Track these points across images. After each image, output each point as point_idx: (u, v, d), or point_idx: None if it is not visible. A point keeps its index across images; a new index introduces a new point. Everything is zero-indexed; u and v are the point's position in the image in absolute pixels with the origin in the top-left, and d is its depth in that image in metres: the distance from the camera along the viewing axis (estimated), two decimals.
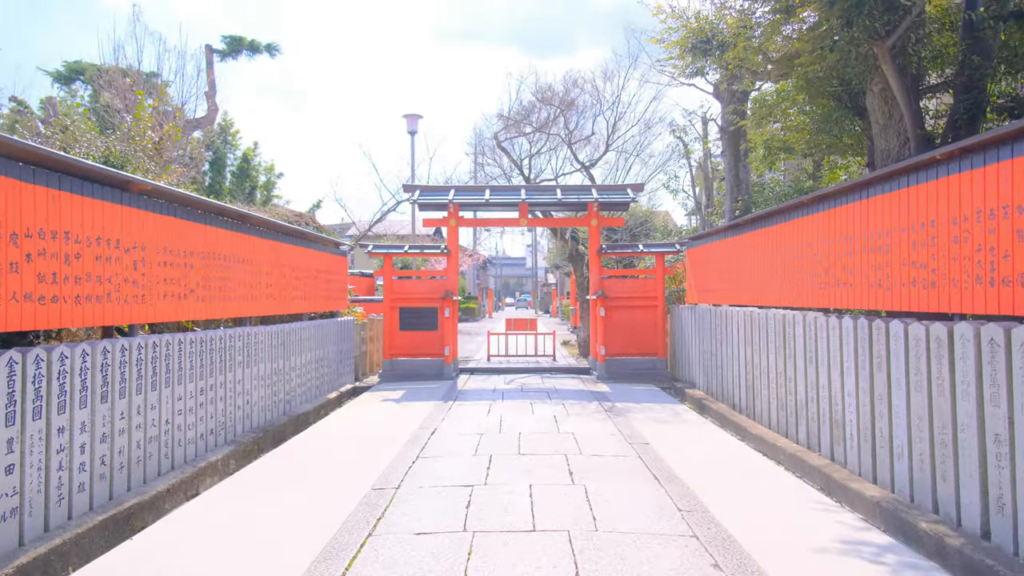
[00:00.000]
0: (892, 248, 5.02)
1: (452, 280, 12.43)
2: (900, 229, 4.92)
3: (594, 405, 8.88)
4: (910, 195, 4.82)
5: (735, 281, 8.71)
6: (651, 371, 12.22)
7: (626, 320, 12.38)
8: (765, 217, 7.63)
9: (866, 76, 5.57)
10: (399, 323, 12.43)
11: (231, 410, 6.63)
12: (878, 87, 5.57)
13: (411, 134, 17.43)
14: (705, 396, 9.35)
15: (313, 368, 9.31)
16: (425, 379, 11.84)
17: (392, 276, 12.46)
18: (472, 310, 41.46)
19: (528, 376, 12.10)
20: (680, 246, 12.39)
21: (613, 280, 12.57)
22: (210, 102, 30.88)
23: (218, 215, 6.82)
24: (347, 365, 11.11)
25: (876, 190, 5.27)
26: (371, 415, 8.45)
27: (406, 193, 12.06)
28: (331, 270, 10.72)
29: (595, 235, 12.49)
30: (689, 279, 11.38)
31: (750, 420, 7.59)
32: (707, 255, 10.13)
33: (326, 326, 9.96)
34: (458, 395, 9.83)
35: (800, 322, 6.32)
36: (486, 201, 11.90)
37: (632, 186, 12.34)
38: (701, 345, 9.89)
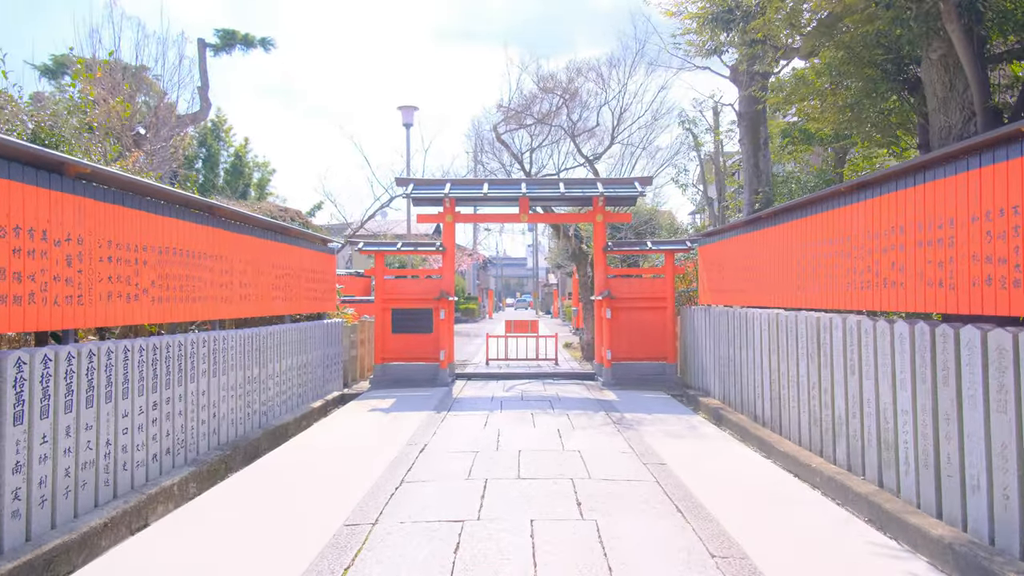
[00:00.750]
0: (958, 241, 4.26)
1: (448, 280, 11.67)
2: (970, 218, 4.15)
3: (601, 416, 8.11)
4: (984, 177, 4.05)
5: (756, 280, 7.94)
6: (660, 377, 11.45)
7: (633, 322, 11.61)
8: (793, 209, 6.86)
9: (922, 41, 4.83)
10: (391, 325, 11.67)
11: (193, 426, 5.87)
12: (937, 53, 4.82)
13: (406, 127, 16.70)
14: (722, 406, 8.59)
15: (295, 375, 8.55)
16: (418, 385, 11.08)
17: (384, 276, 11.70)
18: (472, 311, 40.70)
19: (529, 382, 11.33)
20: (691, 243, 11.62)
21: (619, 280, 11.81)
22: (203, 97, 30.19)
23: (182, 206, 6.07)
24: (335, 371, 10.36)
25: (937, 172, 4.50)
26: (356, 427, 7.69)
27: (400, 187, 11.32)
28: (317, 269, 9.97)
29: (600, 232, 11.72)
30: (702, 279, 10.61)
31: (775, 435, 6.83)
32: (723, 252, 9.36)
33: (310, 329, 9.21)
34: (453, 404, 9.07)
35: (839, 327, 5.55)
36: (484, 195, 11.14)
37: (640, 179, 11.58)
38: (716, 350, 9.12)
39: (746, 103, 8.81)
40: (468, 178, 11.55)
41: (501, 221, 11.69)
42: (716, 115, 12.85)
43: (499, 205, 12.30)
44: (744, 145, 8.93)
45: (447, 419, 7.91)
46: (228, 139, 31.65)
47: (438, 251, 11.63)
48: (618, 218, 11.96)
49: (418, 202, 11.99)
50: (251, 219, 7.45)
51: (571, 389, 10.55)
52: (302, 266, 9.26)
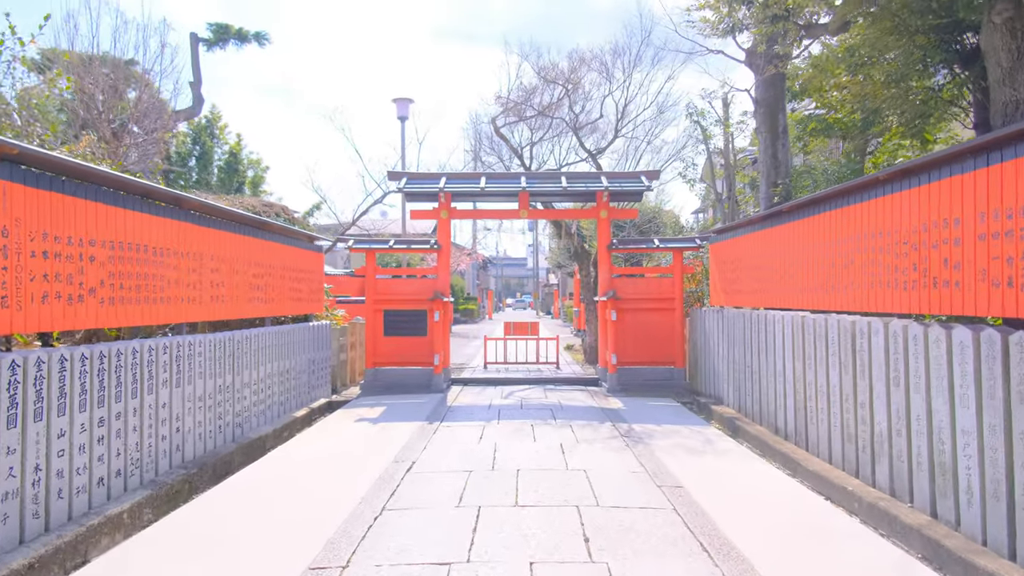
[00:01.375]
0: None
1: (443, 279, 11.02)
2: None
3: (607, 427, 7.46)
4: None
5: (777, 280, 7.29)
6: (668, 383, 10.80)
7: (640, 324, 10.96)
8: (821, 201, 6.21)
9: (983, 3, 4.20)
10: (383, 328, 11.02)
11: (152, 443, 5.22)
12: (1002, 16, 4.18)
13: (401, 120, 16.04)
14: (737, 415, 7.94)
15: (276, 382, 7.90)
16: (411, 391, 10.43)
17: (375, 275, 11.05)
18: (471, 311, 40.06)
19: (529, 388, 10.68)
20: (701, 241, 10.97)
21: (625, 280, 11.16)
22: (195, 92, 29.53)
23: (141, 196, 5.42)
24: (322, 376, 9.71)
25: (1006, 153, 3.85)
26: (339, 440, 7.04)
27: (392, 181, 10.68)
28: (303, 268, 9.32)
29: (605, 228, 11.07)
30: (713, 278, 9.96)
31: (801, 450, 6.18)
32: (737, 250, 8.71)
33: (294, 332, 8.56)
34: (447, 413, 8.42)
35: (879, 332, 4.90)
36: (481, 190, 10.49)
37: (647, 173, 10.93)
38: (731, 355, 8.47)
39: (763, 88, 8.17)
40: (464, 172, 10.92)
41: (499, 217, 11.05)
42: (726, 106, 12.22)
43: (497, 200, 11.65)
44: (761, 134, 8.30)
45: (439, 431, 7.26)
46: (222, 136, 31.03)
47: (433, 249, 10.99)
48: (624, 214, 11.32)
49: (412, 197, 11.34)
50: (224, 213, 6.81)
51: (574, 396, 9.90)
52: (285, 264, 8.61)
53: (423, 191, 10.78)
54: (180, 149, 30.25)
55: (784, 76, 7.98)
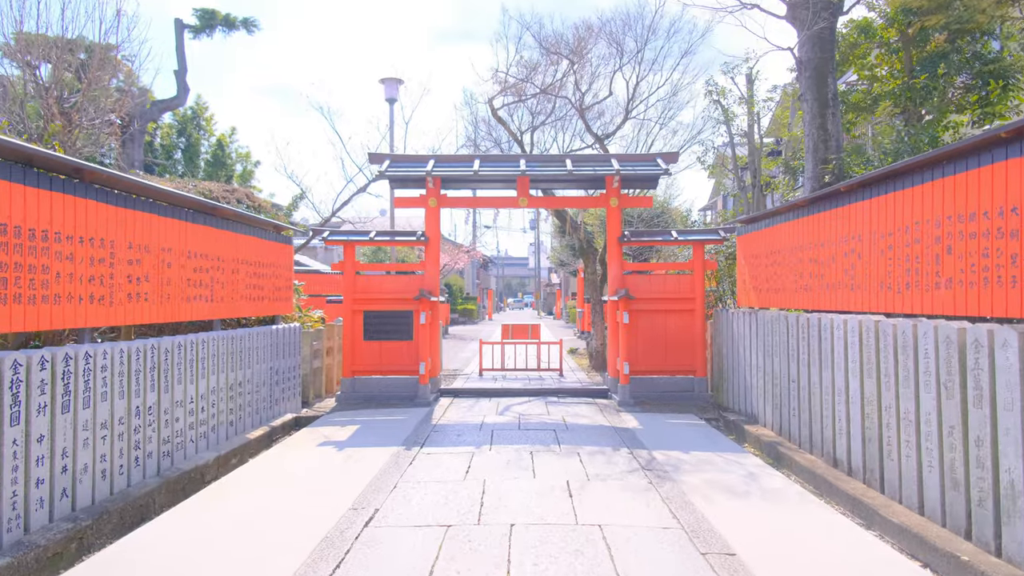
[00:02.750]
0: None
1: (431, 275, 9.67)
2: None
3: (623, 456, 6.11)
4: None
5: (833, 276, 5.94)
6: (688, 395, 9.45)
7: (655, 328, 9.61)
8: (904, 173, 4.85)
9: None
10: (363, 331, 9.68)
11: (17, 493, 3.88)
12: None
13: (389, 102, 14.73)
14: (777, 439, 6.59)
15: (223, 398, 6.56)
16: (393, 404, 9.09)
17: (354, 271, 9.70)
18: (470, 312, 38.71)
19: (528, 401, 9.32)
20: (725, 233, 9.61)
21: (638, 277, 9.81)
22: (180, 81, 28.27)
23: (22, 164, 4.10)
24: (288, 388, 8.37)
25: None
26: (293, 472, 5.69)
27: (373, 164, 9.35)
28: (266, 262, 7.99)
29: (615, 218, 9.71)
30: (742, 275, 8.61)
31: (874, 491, 4.82)
32: (774, 241, 7.37)
33: (250, 337, 7.22)
34: (430, 434, 7.07)
35: (1012, 345, 3.55)
36: (475, 173, 9.14)
37: (663, 155, 9.57)
38: (768, 365, 7.12)
39: (810, 47, 6.81)
40: (456, 154, 9.59)
41: (496, 206, 9.70)
42: (751, 83, 10.82)
43: (494, 187, 10.31)
44: (807, 102, 6.95)
45: (417, 461, 5.90)
46: (209, 128, 29.74)
47: (419, 242, 9.64)
48: (637, 202, 9.97)
49: (396, 183, 10.00)
50: (148, 190, 5.46)
51: (580, 411, 8.54)
52: (240, 257, 7.28)
53: (409, 175, 9.44)
54: (165, 141, 28.97)
55: (834, 32, 6.64)
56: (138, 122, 25.90)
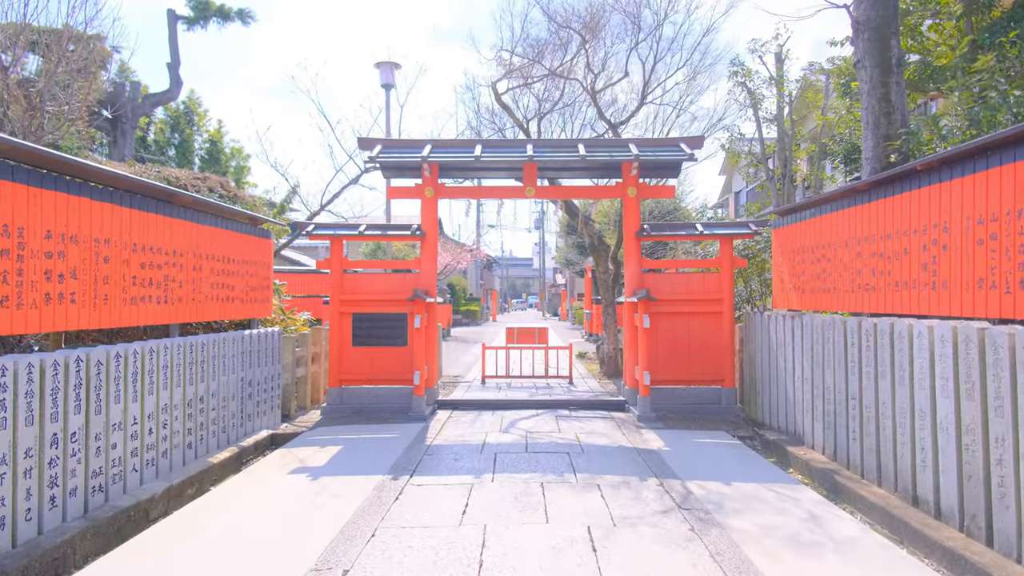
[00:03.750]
0: None
1: (428, 274, 8.68)
2: None
3: (654, 490, 5.09)
4: None
5: (908, 273, 4.91)
6: (714, 408, 8.42)
7: (678, 332, 8.59)
8: (1014, 142, 3.82)
9: None
10: (351, 335, 8.69)
11: None
12: None
13: (385, 88, 13.73)
14: (831, 464, 5.56)
15: (178, 417, 5.57)
16: (384, 418, 8.09)
17: (342, 268, 8.72)
18: (474, 313, 37.73)
19: (537, 415, 8.31)
20: (757, 227, 8.57)
21: (658, 276, 8.80)
22: (173, 75, 27.39)
23: None
24: (265, 401, 7.38)
25: None
26: (252, 511, 4.70)
27: (363, 151, 8.38)
28: (238, 258, 7.02)
29: (633, 210, 8.70)
30: (779, 273, 7.59)
31: (979, 546, 3.79)
32: (822, 234, 6.35)
33: (215, 344, 6.23)
34: (422, 458, 6.07)
35: None
36: (477, 159, 8.14)
37: (687, 139, 8.56)
38: (817, 377, 6.10)
39: (869, 4, 5.78)
40: (455, 139, 8.61)
41: (500, 196, 8.70)
42: (780, 62, 9.78)
43: (498, 175, 9.31)
44: (865, 69, 5.93)
45: (404, 497, 4.90)
46: (202, 124, 28.86)
47: (415, 236, 8.64)
48: (658, 192, 8.96)
49: (389, 171, 9.00)
50: (71, 166, 4.46)
51: (596, 428, 7.52)
52: (204, 252, 6.30)
53: (403, 162, 8.45)
54: (159, 137, 28.12)
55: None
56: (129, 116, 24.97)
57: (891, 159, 5.96)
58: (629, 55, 10.76)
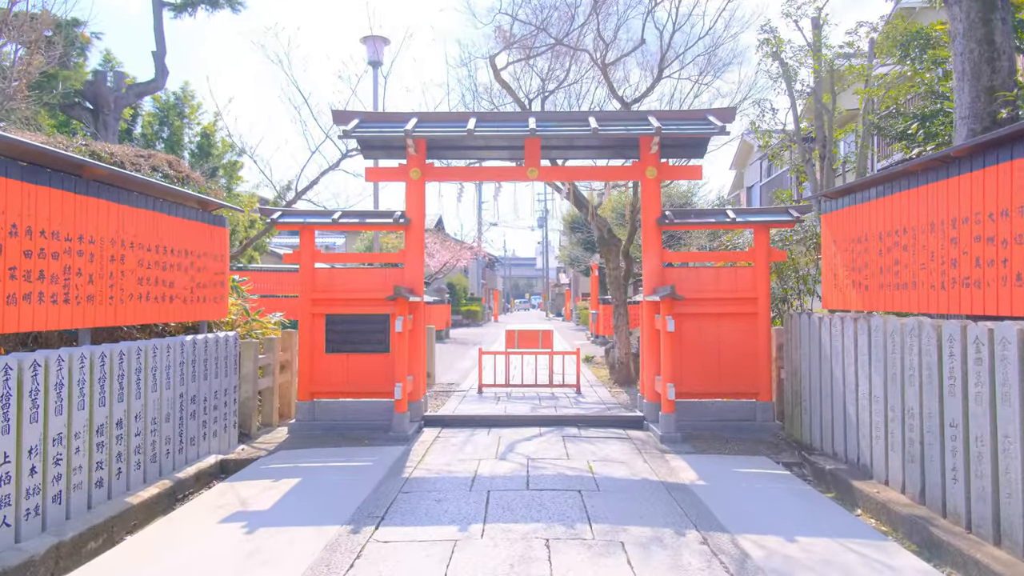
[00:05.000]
0: None
1: (413, 269, 7.46)
2: None
3: (695, 548, 3.84)
4: None
5: None
6: (749, 425, 7.18)
7: (706, 336, 7.36)
8: None
9: None
10: (325, 340, 7.47)
11: None
12: None
13: (372, 65, 12.51)
14: (919, 510, 4.30)
15: (81, 449, 4.34)
16: (361, 439, 6.86)
17: (313, 262, 7.49)
18: (475, 313, 36.50)
19: (541, 435, 7.07)
20: (797, 214, 7.31)
21: (681, 271, 7.57)
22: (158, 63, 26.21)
23: None
24: (215, 420, 6.16)
25: None
26: None
27: (339, 125, 7.17)
28: (181, 247, 5.82)
29: (653, 194, 7.46)
30: (830, 266, 6.35)
31: None
32: (893, 218, 5.10)
33: (141, 354, 5.00)
34: (396, 498, 4.83)
35: None
36: (470, 134, 6.90)
37: (716, 111, 7.32)
38: (893, 396, 4.84)
39: None
40: (445, 111, 7.39)
41: (497, 179, 7.45)
42: (818, 28, 8.53)
43: (495, 155, 8.08)
44: (959, 4, 4.68)
45: (362, 562, 3.66)
46: (194, 117, 27.66)
47: (398, 225, 7.41)
48: (681, 173, 7.71)
49: (370, 149, 7.79)
50: None
51: (611, 452, 6.27)
52: (129, 239, 5.09)
53: (384, 137, 7.22)
54: (146, 131, 26.97)
55: None
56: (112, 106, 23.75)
57: (1000, 116, 4.70)
58: (645, 22, 9.52)
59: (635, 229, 11.61)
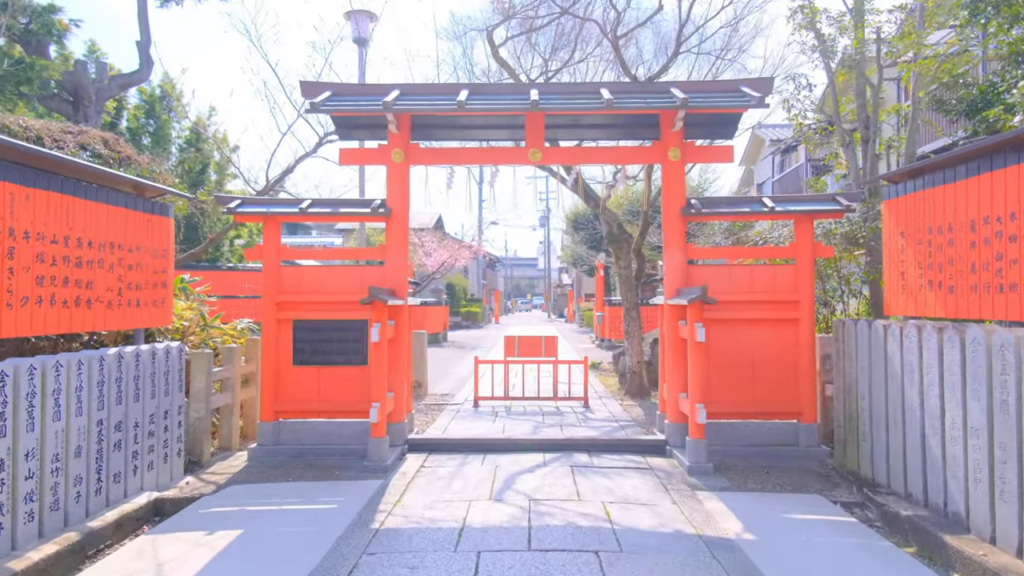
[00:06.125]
0: None
1: (396, 266, 6.37)
2: None
3: None
4: None
5: None
6: (790, 452, 6.09)
7: (738, 346, 6.27)
8: None
9: None
10: (292, 351, 6.38)
11: None
12: None
13: (358, 44, 11.42)
14: None
15: None
16: (332, 468, 5.76)
17: (278, 259, 6.41)
18: (475, 315, 35.40)
19: (544, 465, 5.97)
20: (846, 202, 6.20)
21: (707, 270, 6.48)
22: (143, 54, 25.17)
23: None
24: (151, 450, 5.07)
25: None
26: None
27: (307, 98, 6.08)
28: (106, 241, 4.75)
29: (676, 179, 6.36)
30: (894, 265, 5.25)
31: None
32: (994, 200, 4.00)
33: (31, 373, 3.89)
34: (360, 562, 3.72)
35: None
36: (460, 107, 5.80)
37: (750, 82, 6.21)
38: (1003, 431, 3.74)
39: None
40: (431, 83, 6.26)
41: (494, 161, 6.37)
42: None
43: (491, 134, 6.98)
44: None
45: None
46: (180, 111, 26.59)
47: (377, 215, 6.32)
48: (709, 155, 6.64)
49: (345, 127, 6.70)
50: None
51: (632, 491, 5.16)
52: (20, 228, 4.00)
53: (359, 110, 6.14)
54: (132, 124, 25.89)
55: None
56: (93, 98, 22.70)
57: None
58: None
59: (647, 224, 10.52)
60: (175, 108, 26.67)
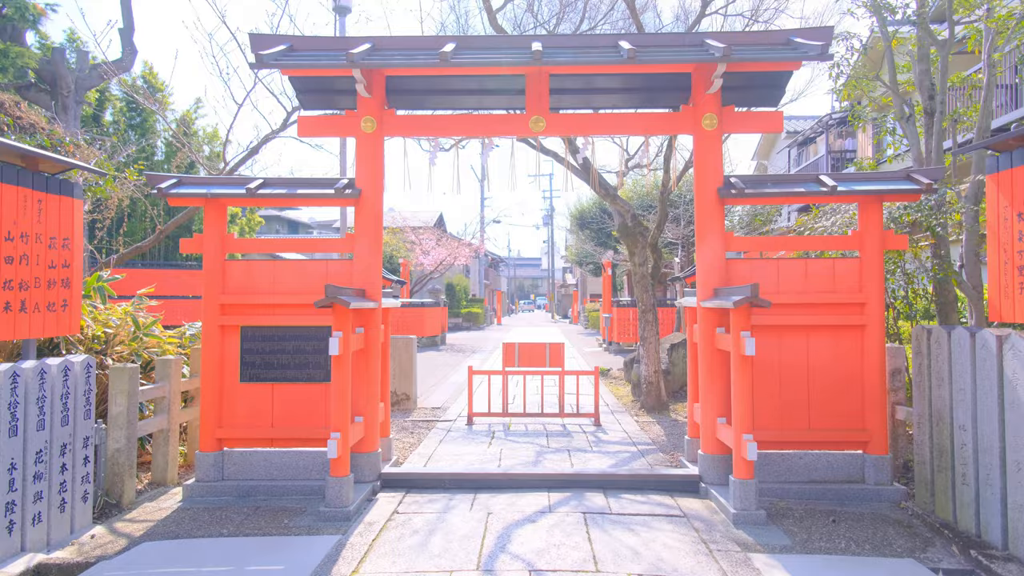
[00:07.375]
0: None
1: (366, 260, 5.17)
2: None
3: None
4: None
5: None
6: (856, 491, 4.87)
7: (788, 358, 5.06)
8: None
9: None
10: (239, 364, 5.18)
11: None
12: None
13: (337, 13, 10.21)
14: None
15: None
16: (285, 511, 4.57)
17: (223, 252, 5.21)
18: (476, 316, 34.19)
19: (550, 509, 4.77)
20: (925, 180, 4.97)
21: (751, 264, 5.26)
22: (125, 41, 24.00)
23: None
24: (40, 496, 3.87)
25: None
26: None
27: (259, 51, 4.89)
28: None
29: (712, 153, 5.15)
30: (1007, 256, 4.02)
31: None
32: None
33: None
34: None
35: None
36: (443, 59, 4.60)
37: (804, 31, 5.00)
38: None
39: None
40: (409, 36, 5.08)
41: (490, 133, 5.14)
42: None
43: (484, 99, 5.77)
44: None
45: None
46: (166, 101, 25.39)
47: (343, 198, 5.13)
48: (753, 123, 5.40)
49: (307, 92, 5.51)
50: None
51: (665, 552, 3.95)
52: None
53: (319, 66, 4.93)
54: (117, 118, 24.77)
55: None
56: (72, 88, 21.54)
57: None
58: None
59: (665, 215, 9.31)
60: (161, 99, 25.52)
